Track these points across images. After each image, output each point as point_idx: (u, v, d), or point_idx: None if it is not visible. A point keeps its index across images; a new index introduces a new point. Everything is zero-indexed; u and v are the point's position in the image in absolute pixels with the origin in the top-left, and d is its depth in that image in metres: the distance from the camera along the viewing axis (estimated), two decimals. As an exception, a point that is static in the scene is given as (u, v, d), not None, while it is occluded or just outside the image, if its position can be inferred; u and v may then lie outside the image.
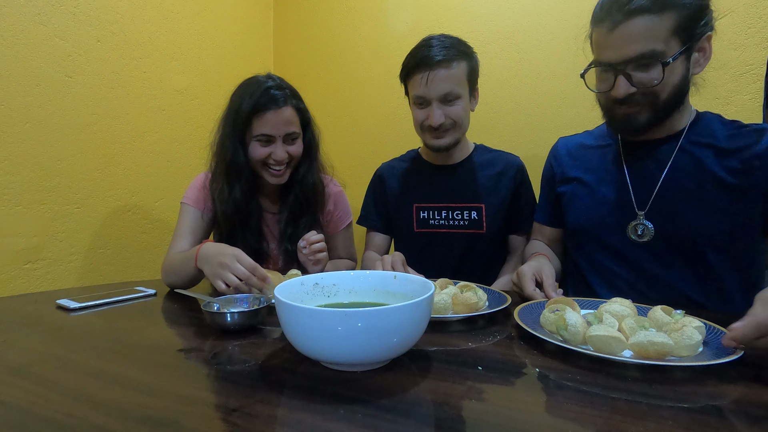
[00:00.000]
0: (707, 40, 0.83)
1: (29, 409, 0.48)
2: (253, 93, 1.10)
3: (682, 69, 0.83)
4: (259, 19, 2.06)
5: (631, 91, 0.84)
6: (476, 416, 0.46)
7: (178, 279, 1.05)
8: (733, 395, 0.50)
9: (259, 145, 1.12)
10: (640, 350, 0.57)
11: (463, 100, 1.15)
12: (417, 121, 1.20)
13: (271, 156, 1.13)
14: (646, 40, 0.79)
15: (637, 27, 0.79)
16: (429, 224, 1.27)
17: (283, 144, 1.13)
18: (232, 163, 1.13)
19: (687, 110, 0.93)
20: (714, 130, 0.90)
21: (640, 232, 0.92)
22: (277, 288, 0.60)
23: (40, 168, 1.32)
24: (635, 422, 0.44)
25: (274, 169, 1.15)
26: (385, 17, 1.86)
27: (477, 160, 1.29)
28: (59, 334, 0.74)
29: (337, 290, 0.71)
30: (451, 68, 1.12)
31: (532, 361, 0.60)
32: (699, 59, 0.85)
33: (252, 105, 1.09)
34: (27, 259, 1.30)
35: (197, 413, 0.47)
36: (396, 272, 0.71)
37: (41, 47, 1.31)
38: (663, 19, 0.78)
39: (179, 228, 1.17)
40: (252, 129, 1.11)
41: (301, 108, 1.17)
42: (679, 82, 0.84)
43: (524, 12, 1.59)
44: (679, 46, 0.81)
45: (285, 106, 1.11)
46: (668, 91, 0.84)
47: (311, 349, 0.55)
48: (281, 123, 1.11)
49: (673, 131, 0.92)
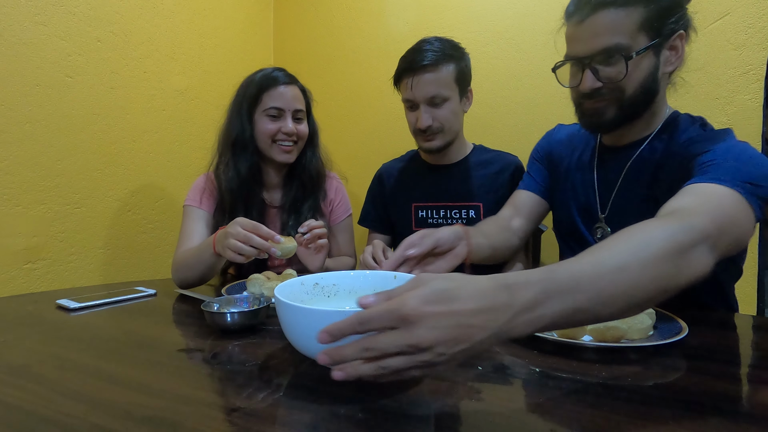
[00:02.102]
0: (679, 38, 0.81)
1: (29, 409, 0.48)
2: (263, 72, 1.18)
3: (650, 66, 0.81)
4: (259, 19, 2.06)
5: (596, 86, 0.83)
6: (476, 416, 0.46)
7: (192, 273, 1.05)
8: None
9: (269, 120, 1.16)
10: (598, 335, 0.63)
11: (451, 103, 1.16)
12: (410, 124, 1.23)
13: (281, 130, 1.16)
14: (611, 33, 0.79)
15: (603, 20, 0.79)
16: (427, 223, 1.28)
17: (292, 120, 1.18)
18: (238, 137, 1.17)
19: (659, 113, 0.89)
20: (679, 134, 0.86)
21: (599, 235, 0.93)
22: (277, 288, 0.60)
23: (40, 168, 1.32)
24: (635, 422, 0.44)
25: (284, 145, 1.18)
26: (385, 17, 1.86)
27: (475, 160, 1.30)
28: (59, 334, 0.74)
29: (337, 290, 0.71)
30: (438, 71, 1.13)
31: (531, 360, 0.60)
32: (670, 58, 0.82)
33: (262, 80, 1.16)
34: (27, 259, 1.30)
35: (197, 413, 0.47)
36: (396, 272, 0.71)
37: (41, 47, 1.31)
38: (629, 13, 0.78)
39: (185, 229, 1.17)
40: (262, 104, 1.16)
41: (306, 92, 1.24)
42: (646, 79, 0.82)
43: (524, 12, 1.59)
44: (646, 41, 0.79)
45: (293, 84, 1.19)
46: (634, 87, 0.82)
47: (311, 349, 0.54)
48: (290, 98, 1.17)
49: (641, 135, 0.90)
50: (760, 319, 0.93)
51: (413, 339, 0.39)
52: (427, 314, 0.40)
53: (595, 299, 0.45)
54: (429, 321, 0.40)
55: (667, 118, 0.90)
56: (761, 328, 0.81)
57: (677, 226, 0.54)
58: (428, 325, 0.40)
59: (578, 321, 0.47)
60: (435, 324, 0.40)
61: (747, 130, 1.27)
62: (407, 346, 0.40)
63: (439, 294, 0.41)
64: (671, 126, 0.89)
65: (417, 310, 0.40)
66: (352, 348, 0.42)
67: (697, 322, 0.70)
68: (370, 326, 0.41)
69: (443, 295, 0.41)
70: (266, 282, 0.93)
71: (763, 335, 0.77)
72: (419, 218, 1.30)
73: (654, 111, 0.88)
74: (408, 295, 0.41)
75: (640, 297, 0.48)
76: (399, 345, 0.40)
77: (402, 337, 0.40)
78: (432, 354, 0.40)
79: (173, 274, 1.10)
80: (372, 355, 0.41)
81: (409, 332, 0.40)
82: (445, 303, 0.40)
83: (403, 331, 0.40)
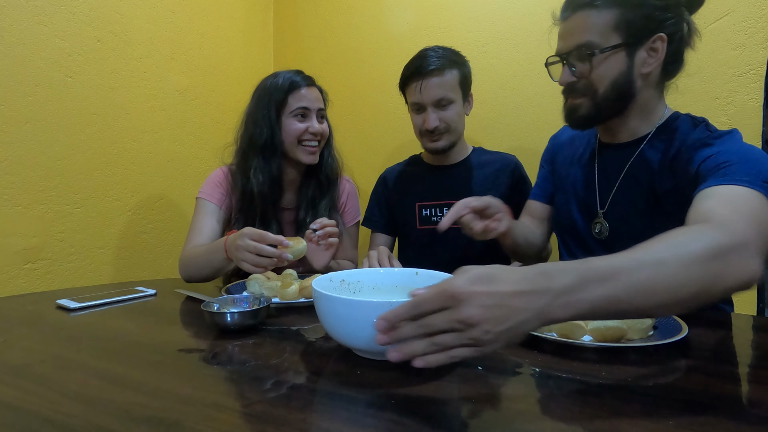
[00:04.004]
0: (660, 41, 0.83)
1: (29, 409, 0.48)
2: (286, 75, 1.21)
3: (621, 65, 0.85)
4: (259, 19, 2.06)
5: (571, 80, 0.89)
6: (476, 416, 0.46)
7: (200, 271, 1.06)
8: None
9: (296, 120, 1.20)
10: (598, 335, 0.63)
11: (456, 105, 1.25)
12: (416, 126, 1.29)
13: (308, 130, 1.20)
14: (584, 31, 0.85)
15: (579, 20, 0.86)
16: (431, 221, 1.34)
17: (317, 120, 1.22)
18: (267, 141, 1.19)
19: (654, 113, 0.91)
20: (680, 134, 0.88)
21: (597, 230, 0.96)
22: (314, 282, 0.63)
23: (40, 168, 1.32)
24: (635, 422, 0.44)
25: (310, 146, 1.21)
26: (385, 17, 1.86)
27: (475, 160, 1.36)
28: (59, 334, 0.74)
29: (361, 286, 0.74)
30: (444, 76, 1.21)
31: (531, 360, 0.60)
32: (647, 59, 0.85)
33: (288, 83, 1.20)
34: (27, 259, 1.30)
35: (197, 413, 0.47)
36: (418, 270, 0.74)
37: (41, 47, 1.31)
38: (603, 14, 0.83)
39: (196, 223, 1.18)
40: (288, 106, 1.19)
41: (324, 93, 1.28)
42: (617, 77, 0.85)
43: (524, 12, 1.59)
44: (617, 41, 0.83)
45: (314, 85, 1.25)
46: (605, 84, 0.86)
47: (358, 338, 0.58)
48: (315, 98, 1.22)
49: (639, 134, 0.93)
50: (759, 319, 0.93)
51: (461, 314, 0.43)
52: (474, 293, 0.43)
53: (633, 290, 0.47)
54: (475, 299, 0.43)
55: (668, 118, 0.92)
56: (761, 328, 0.81)
57: (716, 231, 0.55)
58: (475, 303, 0.43)
59: (618, 311, 0.48)
60: (481, 302, 0.43)
61: (747, 130, 1.27)
62: (457, 322, 0.43)
63: (483, 276, 0.44)
64: (672, 126, 0.90)
65: (464, 288, 0.43)
66: (409, 327, 0.45)
67: (697, 322, 0.70)
68: (423, 309, 0.45)
69: (487, 278, 0.44)
70: (266, 282, 0.93)
71: (763, 335, 0.77)
72: (423, 216, 1.35)
73: (648, 110, 0.91)
74: (455, 278, 0.45)
75: (681, 295, 0.49)
76: (449, 320, 0.44)
77: (451, 313, 0.43)
78: (479, 331, 0.43)
79: (181, 269, 1.11)
80: (425, 331, 0.45)
81: (458, 310, 0.43)
82: (488, 284, 0.44)
83: (453, 309, 0.43)
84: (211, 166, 1.56)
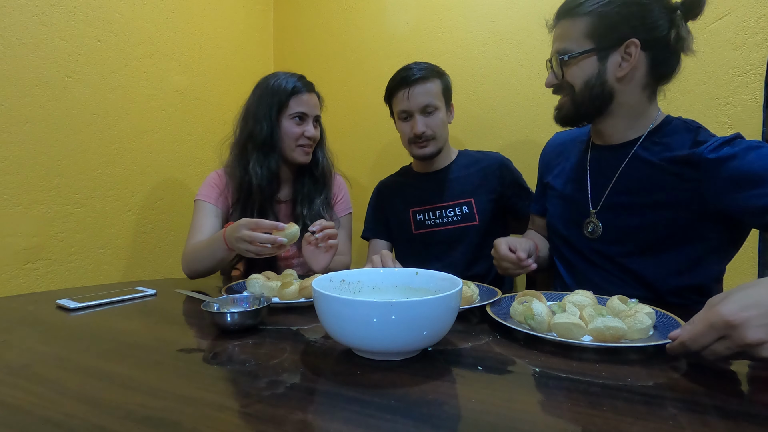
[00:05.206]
0: (634, 46, 0.87)
1: (29, 409, 0.48)
2: (289, 79, 1.28)
3: (593, 68, 0.91)
4: (259, 19, 2.06)
5: (554, 82, 0.97)
6: (476, 416, 0.46)
7: (204, 265, 1.14)
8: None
9: (294, 123, 1.27)
10: (598, 335, 0.63)
11: (440, 112, 1.32)
12: (403, 134, 1.35)
13: (304, 134, 1.27)
14: (562, 39, 0.94)
15: (560, 28, 0.95)
16: (426, 225, 1.39)
17: (312, 125, 1.29)
18: (266, 138, 1.25)
19: (644, 116, 0.95)
20: (674, 138, 0.90)
21: (590, 229, 0.99)
22: (314, 281, 0.64)
23: (40, 168, 1.32)
24: (635, 422, 0.44)
25: (306, 147, 1.30)
26: (385, 17, 1.86)
27: (461, 162, 1.42)
28: (59, 334, 0.74)
29: (361, 286, 0.75)
30: (428, 84, 1.29)
31: (531, 360, 0.60)
32: (620, 63, 0.89)
33: (291, 87, 1.26)
34: (27, 259, 1.30)
35: (197, 413, 0.47)
36: (417, 269, 0.75)
37: (41, 47, 1.31)
38: (577, 22, 0.91)
39: (196, 223, 1.25)
40: (289, 108, 1.26)
41: (321, 99, 1.36)
42: (589, 78, 0.91)
43: (524, 12, 1.59)
44: (589, 46, 0.91)
45: (314, 92, 1.32)
46: (580, 86, 0.93)
47: (347, 337, 0.59)
48: (313, 105, 1.30)
49: (631, 136, 0.96)
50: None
51: (747, 339, 0.48)
52: (749, 317, 0.49)
53: None
54: (752, 322, 0.48)
55: (660, 121, 0.94)
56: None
57: None
58: (753, 325, 0.48)
59: None
60: (759, 323, 0.48)
61: (747, 130, 1.27)
62: (742, 347, 0.49)
63: (746, 299, 0.50)
64: (664, 129, 0.93)
65: (737, 314, 0.49)
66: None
67: (697, 322, 0.70)
68: (701, 344, 0.52)
69: (752, 301, 0.50)
70: (266, 282, 0.93)
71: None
72: (417, 221, 1.41)
73: (637, 113, 0.94)
74: (720, 307, 0.50)
75: None
76: (734, 347, 0.50)
77: (734, 341, 0.49)
78: (765, 349, 0.48)
79: (184, 266, 1.17)
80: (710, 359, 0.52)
81: (739, 336, 0.49)
82: (756, 307, 0.49)
83: (732, 337, 0.49)
84: (211, 166, 1.57)
